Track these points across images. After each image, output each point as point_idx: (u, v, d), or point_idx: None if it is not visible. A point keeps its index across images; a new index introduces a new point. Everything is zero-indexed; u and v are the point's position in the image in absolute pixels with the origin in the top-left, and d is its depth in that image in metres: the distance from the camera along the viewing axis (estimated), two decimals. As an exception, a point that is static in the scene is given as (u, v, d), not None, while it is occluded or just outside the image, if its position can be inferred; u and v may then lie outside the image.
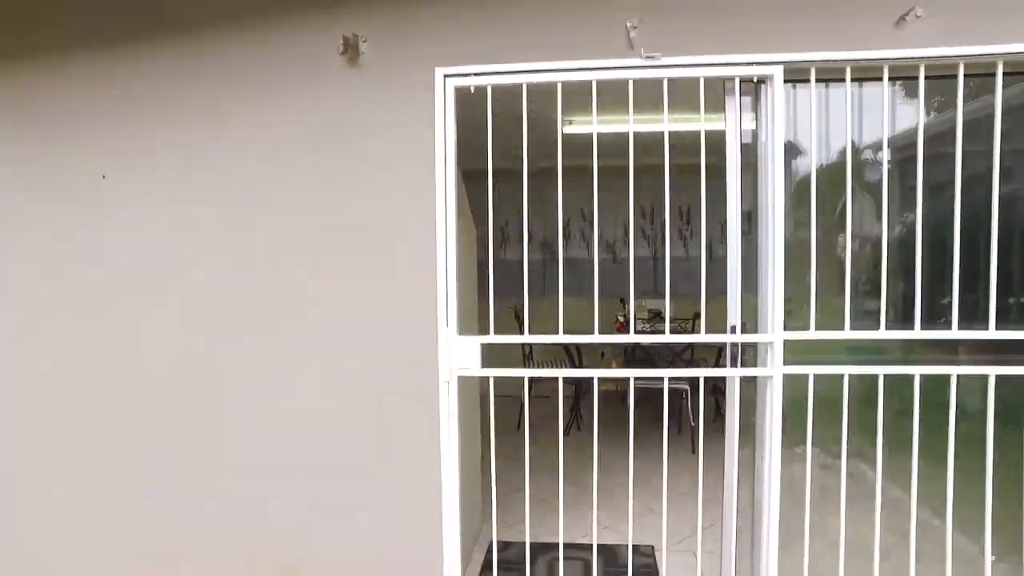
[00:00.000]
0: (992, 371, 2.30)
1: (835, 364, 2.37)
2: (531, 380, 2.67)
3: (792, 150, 2.44)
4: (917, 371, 2.33)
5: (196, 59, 2.50)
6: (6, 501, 2.70)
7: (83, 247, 2.59)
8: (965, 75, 2.26)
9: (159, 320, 2.56)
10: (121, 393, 2.60)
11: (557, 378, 2.53)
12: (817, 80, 2.35)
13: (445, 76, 2.37)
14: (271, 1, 2.45)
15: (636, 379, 2.55)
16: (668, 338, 2.48)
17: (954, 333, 2.30)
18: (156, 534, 2.62)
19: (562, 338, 2.46)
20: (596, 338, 2.45)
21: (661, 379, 2.51)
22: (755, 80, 2.36)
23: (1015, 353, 2.34)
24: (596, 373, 2.48)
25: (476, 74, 2.36)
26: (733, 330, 2.42)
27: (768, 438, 2.37)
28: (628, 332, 2.83)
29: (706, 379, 2.50)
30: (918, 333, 2.31)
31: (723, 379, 2.55)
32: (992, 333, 2.29)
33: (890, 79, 2.31)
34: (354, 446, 2.49)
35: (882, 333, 2.32)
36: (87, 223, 2.58)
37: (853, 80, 2.35)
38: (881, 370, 2.34)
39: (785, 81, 2.33)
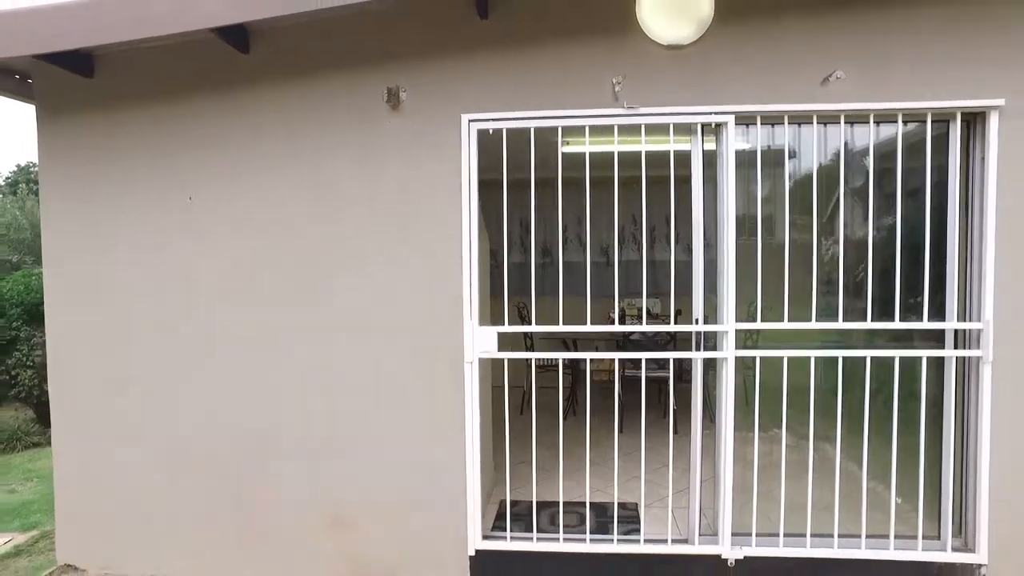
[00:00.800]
0: (897, 354, 2.95)
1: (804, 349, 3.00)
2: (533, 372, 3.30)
3: (747, 175, 3.06)
4: (839, 354, 2.97)
5: (276, 105, 3.12)
6: (151, 434, 3.33)
7: (186, 249, 3.22)
8: (874, 122, 2.90)
9: (251, 317, 3.19)
10: (220, 371, 3.23)
11: (557, 372, 3.16)
12: (762, 123, 2.99)
13: (469, 121, 3.00)
14: (332, 60, 3.08)
15: (626, 370, 3.17)
16: (645, 328, 3.11)
17: (868, 325, 2.94)
18: (236, 483, 3.24)
19: (560, 328, 3.09)
20: (587, 328, 3.08)
21: (648, 368, 3.14)
22: (715, 126, 2.99)
23: (916, 340, 2.99)
24: (588, 355, 3.12)
25: (494, 119, 2.99)
26: (697, 321, 3.06)
27: (723, 409, 3.01)
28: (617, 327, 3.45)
29: (687, 369, 3.12)
30: (841, 324, 2.95)
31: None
32: (897, 325, 2.93)
33: (818, 123, 2.95)
34: (397, 412, 3.12)
35: (812, 324, 2.96)
36: (183, 232, 3.21)
37: (791, 123, 2.99)
38: (812, 353, 2.98)
39: (737, 124, 2.97)
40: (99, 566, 3.38)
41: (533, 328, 3.14)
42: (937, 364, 3.00)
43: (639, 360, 3.17)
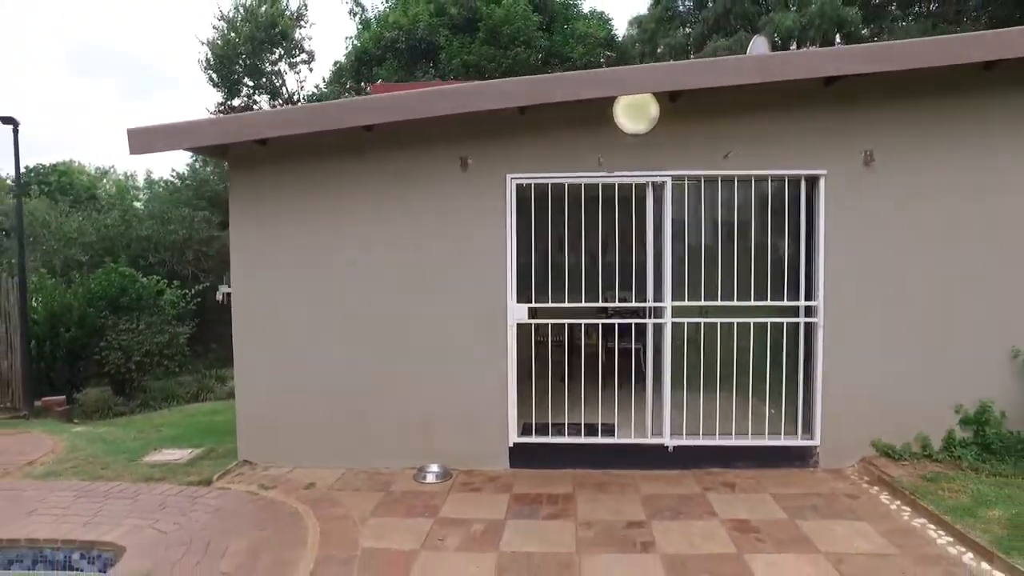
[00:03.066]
0: (770, 320, 4.88)
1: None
2: (539, 347, 5.20)
3: (681, 217, 4.97)
4: (735, 321, 4.89)
5: (387, 164, 5.00)
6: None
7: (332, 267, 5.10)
8: (755, 181, 4.84)
9: (381, 300, 5.06)
10: (353, 334, 5.10)
11: (560, 347, 5.06)
12: (689, 182, 4.90)
13: (511, 178, 4.89)
14: (425, 137, 4.95)
15: (608, 343, 5.07)
16: (618, 305, 5.03)
17: (752, 303, 4.86)
18: (354, 405, 5.10)
19: (567, 304, 5.00)
20: (582, 304, 5.00)
21: (623, 341, 5.03)
22: (659, 183, 4.91)
23: (779, 314, 4.93)
24: (583, 321, 5.04)
25: (527, 178, 4.89)
26: (648, 300, 4.97)
27: (664, 355, 4.91)
28: (602, 309, 5.37)
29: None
30: (735, 303, 4.87)
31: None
32: (770, 303, 4.86)
33: (722, 182, 4.87)
34: (464, 357, 5.01)
35: (718, 303, 4.87)
36: (334, 248, 5.08)
37: (707, 182, 4.90)
38: (719, 320, 4.89)
39: (673, 183, 4.88)
40: (265, 462, 5.21)
41: (548, 305, 5.05)
42: (795, 327, 4.93)
43: (616, 336, 5.11)
